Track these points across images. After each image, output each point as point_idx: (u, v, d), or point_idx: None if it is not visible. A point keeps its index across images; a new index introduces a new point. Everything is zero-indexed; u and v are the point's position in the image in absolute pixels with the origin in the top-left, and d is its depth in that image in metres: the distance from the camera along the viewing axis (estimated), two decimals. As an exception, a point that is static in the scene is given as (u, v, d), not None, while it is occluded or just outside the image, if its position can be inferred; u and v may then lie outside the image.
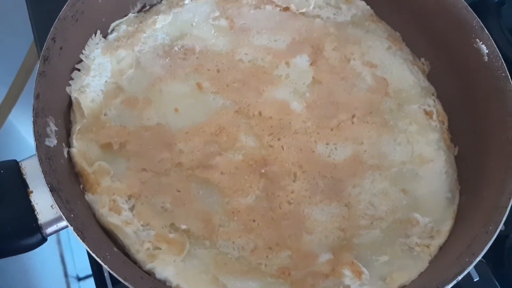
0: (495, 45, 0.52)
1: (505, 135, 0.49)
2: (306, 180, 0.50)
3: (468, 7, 0.55)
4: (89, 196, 0.44)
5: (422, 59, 0.61)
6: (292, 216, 0.48)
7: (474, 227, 0.44)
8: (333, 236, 0.48)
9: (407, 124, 0.55)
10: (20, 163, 0.41)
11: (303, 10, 0.61)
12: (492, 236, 0.41)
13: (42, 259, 0.99)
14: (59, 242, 1.18)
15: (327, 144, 0.53)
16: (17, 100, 0.90)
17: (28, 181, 0.40)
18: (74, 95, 0.48)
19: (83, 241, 0.36)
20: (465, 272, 0.39)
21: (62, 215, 0.37)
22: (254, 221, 0.48)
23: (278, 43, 0.59)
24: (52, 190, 0.37)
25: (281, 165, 0.51)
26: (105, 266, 0.35)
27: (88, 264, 0.57)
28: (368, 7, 0.64)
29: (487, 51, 0.53)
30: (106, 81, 0.52)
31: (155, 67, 0.54)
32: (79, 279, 1.19)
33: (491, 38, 0.53)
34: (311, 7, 0.61)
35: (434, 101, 0.58)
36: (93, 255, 0.35)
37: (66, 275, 1.16)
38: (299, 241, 0.47)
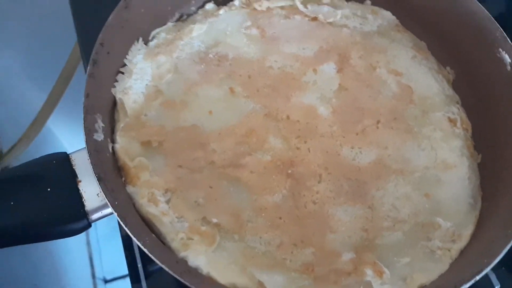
0: (519, 55, 0.54)
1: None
2: (331, 182, 0.53)
3: (491, 17, 0.56)
4: (130, 188, 0.48)
5: (448, 68, 0.63)
6: (317, 215, 0.51)
7: (493, 231, 0.46)
8: (356, 236, 0.50)
9: (431, 130, 0.57)
10: (70, 155, 0.45)
11: (331, 20, 0.64)
12: (511, 239, 0.42)
13: (72, 259, 1.03)
14: (88, 243, 1.22)
15: (352, 147, 0.55)
16: (56, 105, 0.95)
17: (77, 171, 0.44)
18: (118, 96, 0.52)
19: (126, 226, 0.39)
20: (483, 273, 0.41)
21: (107, 202, 0.40)
22: (280, 218, 0.50)
23: (306, 51, 0.61)
24: (99, 179, 0.41)
25: (307, 166, 0.53)
26: (144, 250, 0.38)
27: (115, 267, 0.60)
28: (394, 17, 0.66)
29: (510, 61, 0.54)
30: (147, 84, 0.56)
31: (192, 72, 0.58)
32: (106, 281, 1.23)
33: (515, 48, 0.54)
34: (338, 17, 0.64)
35: (458, 109, 0.59)
36: (134, 239, 0.39)
37: (93, 276, 1.20)
38: (323, 239, 0.49)
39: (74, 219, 0.42)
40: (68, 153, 0.46)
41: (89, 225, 0.43)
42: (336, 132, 0.56)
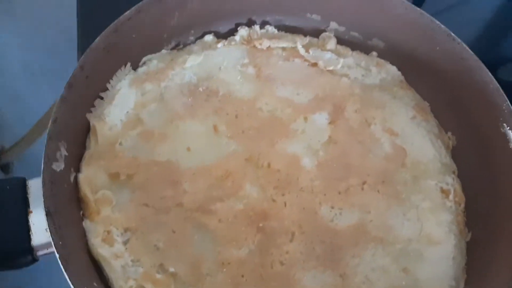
0: (524, 134, 0.50)
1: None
2: (304, 242, 0.49)
3: (500, 89, 0.53)
4: (86, 223, 0.45)
5: (449, 133, 0.59)
6: (282, 278, 0.47)
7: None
8: (321, 306, 0.46)
9: (420, 200, 0.53)
10: (27, 182, 0.43)
11: (331, 68, 0.61)
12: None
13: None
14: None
15: (332, 207, 0.51)
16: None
17: (31, 201, 0.42)
18: (92, 122, 0.50)
19: (65, 270, 0.37)
20: None
21: (48, 238, 0.37)
22: (242, 276, 0.47)
23: (300, 97, 0.59)
24: (47, 214, 0.39)
25: (280, 221, 0.50)
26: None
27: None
28: (399, 73, 0.63)
29: (513, 138, 0.50)
30: (127, 112, 0.54)
31: (177, 104, 0.56)
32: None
33: (520, 125, 0.50)
34: (339, 66, 0.61)
35: (453, 180, 0.55)
36: (71, 284, 0.36)
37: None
38: (285, 305, 0.46)
39: (19, 253, 0.39)
40: (26, 179, 0.43)
41: (34, 261, 0.40)
42: (318, 187, 0.52)
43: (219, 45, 0.61)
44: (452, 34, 0.56)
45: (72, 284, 0.36)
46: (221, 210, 0.49)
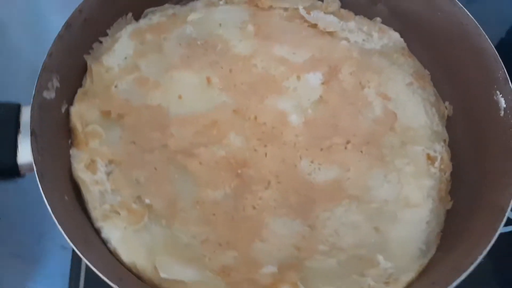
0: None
1: (495, 199, 0.44)
2: (278, 191, 0.50)
3: (497, 56, 0.51)
4: (73, 151, 0.49)
5: (447, 103, 0.58)
6: (252, 221, 0.48)
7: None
8: (286, 251, 0.47)
9: (404, 164, 0.53)
10: (21, 107, 0.46)
11: (331, 30, 0.61)
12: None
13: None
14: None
15: (312, 162, 0.52)
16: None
17: (22, 124, 0.45)
18: (89, 62, 0.53)
19: (40, 182, 0.40)
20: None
21: (32, 156, 0.41)
22: (214, 215, 0.48)
23: (296, 57, 0.59)
24: (32, 133, 0.42)
25: (259, 170, 0.51)
26: (49, 210, 0.39)
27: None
28: (402, 39, 0.62)
29: (504, 106, 0.49)
30: (125, 58, 0.56)
31: (175, 55, 0.58)
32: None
33: (513, 92, 0.49)
34: (338, 28, 0.61)
35: (443, 148, 0.54)
36: (43, 195, 0.39)
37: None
38: (249, 246, 0.47)
39: (3, 167, 0.43)
40: (21, 105, 0.47)
41: (17, 174, 0.44)
42: (301, 143, 0.53)
43: (222, 2, 0.63)
44: (454, -2, 0.55)
45: (44, 194, 0.39)
46: (203, 155, 0.51)
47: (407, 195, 0.50)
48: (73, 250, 0.60)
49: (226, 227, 0.48)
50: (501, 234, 0.41)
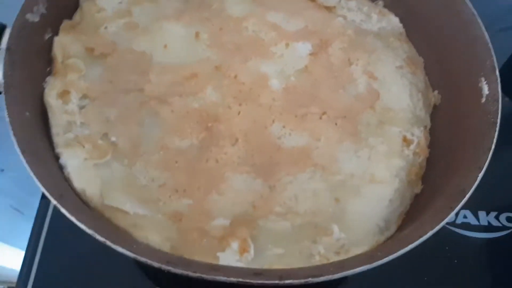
0: (499, 89, 0.46)
1: (459, 182, 0.43)
2: (244, 149, 0.50)
3: (489, 44, 0.49)
4: (50, 79, 0.49)
5: (436, 92, 0.56)
6: (212, 173, 0.48)
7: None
8: (241, 207, 0.46)
9: (378, 142, 0.51)
10: (6, 29, 0.47)
11: (329, 5, 0.60)
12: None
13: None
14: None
15: (284, 126, 0.51)
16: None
17: (2, 43, 0.46)
18: (82, 1, 0.54)
19: (5, 93, 0.40)
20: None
21: (2, 70, 0.42)
22: (176, 162, 0.48)
23: (289, 25, 0.59)
24: (7, 49, 0.43)
25: (229, 127, 0.51)
26: (7, 119, 0.39)
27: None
28: (400, 25, 0.61)
29: (487, 93, 0.47)
30: (120, 2, 0.57)
31: (169, 7, 0.58)
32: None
33: (498, 81, 0.47)
34: (337, 4, 0.60)
35: (421, 133, 0.53)
36: (5, 106, 0.40)
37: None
38: (205, 197, 0.46)
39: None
40: (7, 26, 0.48)
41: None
42: (276, 107, 0.52)
43: (227, -37, 0.63)
44: (454, -15, 0.53)
45: (6, 105, 0.40)
46: (176, 103, 0.51)
47: (374, 172, 0.49)
48: (39, 205, 0.61)
49: (185, 175, 0.48)
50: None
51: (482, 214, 0.65)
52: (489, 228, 0.64)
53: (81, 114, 0.49)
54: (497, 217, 0.65)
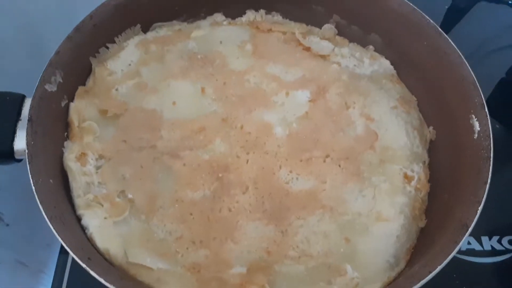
0: (489, 125, 0.49)
1: (461, 216, 0.45)
2: (254, 196, 0.52)
3: (476, 83, 0.53)
4: (68, 143, 0.52)
5: (431, 128, 0.60)
6: (226, 222, 0.50)
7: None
8: (256, 254, 0.49)
9: (381, 181, 0.54)
10: (25, 99, 0.51)
11: (323, 53, 0.64)
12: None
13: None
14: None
15: (291, 171, 0.54)
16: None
17: (23, 112, 0.49)
18: (94, 65, 0.58)
19: (28, 163, 0.43)
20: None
21: (25, 140, 0.45)
22: (191, 214, 0.51)
23: (288, 75, 0.62)
24: (29, 120, 0.46)
25: (239, 176, 0.53)
26: (33, 188, 0.42)
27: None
28: (391, 67, 0.65)
29: (478, 129, 0.50)
30: (129, 64, 0.61)
31: (175, 66, 0.62)
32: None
33: (488, 117, 0.50)
34: (329, 51, 0.64)
35: (421, 168, 0.56)
36: (30, 174, 0.42)
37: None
38: (221, 246, 0.49)
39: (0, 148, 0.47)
40: (26, 96, 0.51)
41: (13, 158, 0.48)
42: (282, 153, 0.55)
43: (225, 22, 0.67)
44: (439, 29, 0.58)
45: (30, 174, 0.43)
46: (188, 157, 0.54)
47: (379, 210, 0.52)
48: (58, 260, 0.63)
49: (201, 227, 0.50)
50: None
51: (485, 239, 0.67)
52: (493, 252, 0.66)
53: (98, 174, 0.52)
54: (499, 241, 0.67)
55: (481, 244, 0.66)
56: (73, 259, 0.59)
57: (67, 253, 0.40)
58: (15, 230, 0.94)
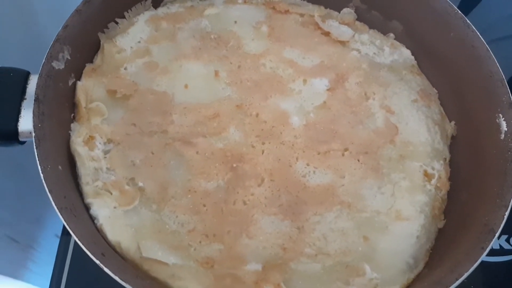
0: (518, 126, 0.48)
1: (486, 220, 0.44)
2: (270, 189, 0.50)
3: (504, 80, 0.51)
4: (74, 125, 0.49)
5: (453, 122, 0.58)
6: (241, 216, 0.48)
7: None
8: (271, 250, 0.47)
9: (401, 178, 0.52)
10: (30, 75, 0.47)
11: (343, 39, 0.61)
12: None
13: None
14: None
15: (308, 164, 0.52)
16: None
17: (28, 91, 0.46)
18: (103, 41, 0.54)
19: (36, 148, 0.40)
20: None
21: (32, 121, 0.41)
22: (204, 205, 0.48)
23: (305, 61, 0.60)
24: (35, 100, 0.43)
25: (254, 167, 0.51)
26: (41, 175, 0.39)
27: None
28: (412, 57, 0.62)
29: (506, 129, 0.48)
30: (139, 42, 0.57)
31: (187, 45, 0.59)
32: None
33: (516, 118, 0.48)
34: (349, 37, 0.61)
35: (441, 166, 0.54)
36: (37, 161, 0.39)
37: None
38: (235, 241, 0.47)
39: (4, 131, 0.44)
40: (31, 73, 0.48)
41: (16, 140, 0.44)
42: (299, 144, 0.53)
43: (240, 1, 0.64)
44: (468, 20, 0.55)
45: (38, 160, 0.40)
46: (201, 144, 0.52)
47: (399, 209, 0.50)
48: (60, 239, 0.61)
49: (214, 219, 0.48)
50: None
51: (494, 238, 0.67)
52: (501, 251, 0.66)
53: (106, 160, 0.49)
54: (507, 240, 0.67)
55: (489, 242, 0.65)
56: (75, 243, 0.58)
57: (69, 235, 0.38)
58: (4, 205, 0.91)
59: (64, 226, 0.39)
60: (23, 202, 0.83)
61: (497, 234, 0.42)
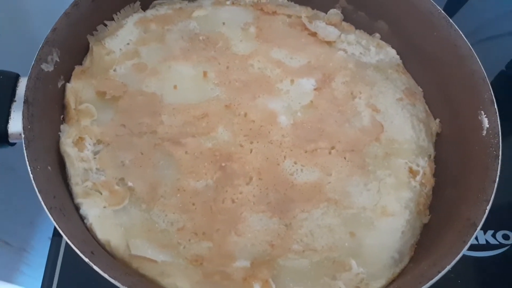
0: (498, 122, 0.49)
1: (469, 214, 0.45)
2: (259, 188, 0.51)
3: (486, 78, 0.52)
4: (64, 127, 0.50)
5: (437, 120, 0.59)
6: (229, 214, 0.49)
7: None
8: (260, 247, 0.48)
9: (386, 175, 0.54)
10: (20, 78, 0.48)
11: (329, 40, 0.62)
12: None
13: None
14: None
15: (295, 163, 0.53)
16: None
17: (18, 93, 0.47)
18: (92, 43, 0.55)
19: (25, 149, 0.41)
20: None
21: (22, 123, 0.42)
22: (193, 204, 0.49)
23: (293, 62, 0.61)
24: (25, 102, 0.43)
25: (242, 166, 0.52)
26: (31, 176, 0.40)
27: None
28: (397, 56, 0.64)
29: (487, 126, 0.50)
30: (128, 43, 0.58)
31: (175, 47, 0.60)
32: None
33: (497, 114, 0.50)
34: (336, 38, 0.62)
35: (426, 163, 0.55)
36: (27, 162, 0.40)
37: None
38: (224, 238, 0.47)
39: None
40: (20, 75, 0.48)
41: (6, 141, 0.45)
42: (286, 143, 0.54)
43: (228, 2, 0.64)
44: (451, 20, 0.56)
45: (28, 161, 0.40)
46: (190, 144, 0.52)
47: (385, 205, 0.51)
48: (52, 240, 0.62)
49: (203, 217, 0.48)
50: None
51: (480, 233, 0.68)
52: (487, 246, 0.67)
53: (96, 160, 0.50)
54: (493, 235, 0.68)
55: (475, 238, 0.66)
56: (66, 244, 0.59)
57: (60, 236, 0.39)
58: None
59: (55, 228, 0.39)
60: (16, 205, 0.83)
61: (478, 228, 0.43)
